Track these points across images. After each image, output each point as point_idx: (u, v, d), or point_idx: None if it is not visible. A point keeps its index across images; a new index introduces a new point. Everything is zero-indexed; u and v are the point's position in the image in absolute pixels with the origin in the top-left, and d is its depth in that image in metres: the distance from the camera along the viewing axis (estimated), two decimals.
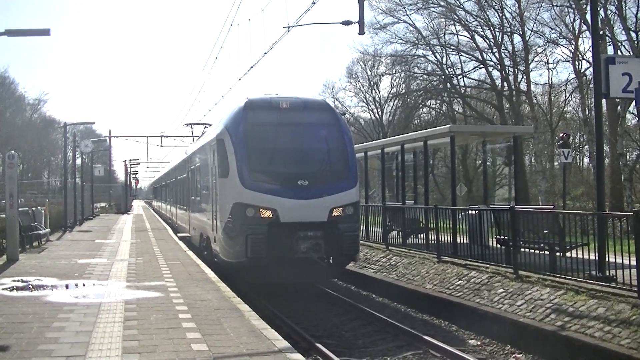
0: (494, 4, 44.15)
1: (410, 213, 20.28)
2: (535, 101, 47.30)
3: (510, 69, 45.44)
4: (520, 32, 43.51)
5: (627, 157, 37.85)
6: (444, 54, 48.72)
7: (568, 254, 12.76)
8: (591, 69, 17.45)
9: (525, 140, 45.37)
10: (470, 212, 17.50)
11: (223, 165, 15.58)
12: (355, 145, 17.60)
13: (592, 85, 17.43)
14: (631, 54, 31.70)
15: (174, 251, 20.50)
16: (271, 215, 14.60)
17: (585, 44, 53.05)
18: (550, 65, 48.88)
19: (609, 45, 34.08)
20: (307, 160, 15.77)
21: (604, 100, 19.23)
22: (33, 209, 24.82)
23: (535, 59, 45.74)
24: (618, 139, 33.64)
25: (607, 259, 11.95)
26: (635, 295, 10.26)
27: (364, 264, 19.22)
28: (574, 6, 37.55)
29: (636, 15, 34.89)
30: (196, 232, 21.36)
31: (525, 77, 44.99)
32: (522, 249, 13.89)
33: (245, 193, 14.78)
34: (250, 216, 14.62)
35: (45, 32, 17.68)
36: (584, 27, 38.02)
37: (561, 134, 28.35)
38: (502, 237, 14.67)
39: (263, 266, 14.69)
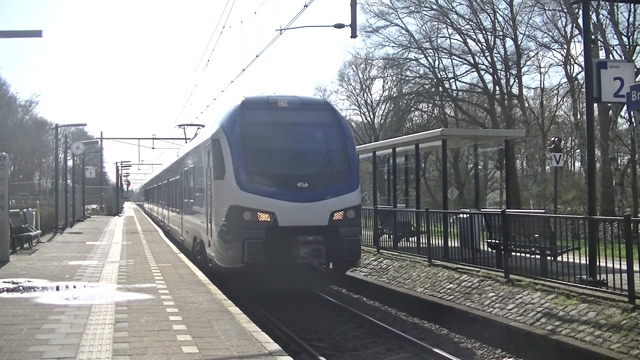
0: (486, 7, 44.37)
1: (401, 216, 20.27)
2: (527, 105, 47.47)
3: (502, 72, 45.61)
4: (513, 36, 43.72)
5: (619, 161, 38.04)
6: (436, 58, 48.91)
7: (559, 258, 12.77)
8: (583, 73, 17.49)
9: (517, 144, 45.55)
10: (461, 215, 17.52)
11: (219, 167, 14.95)
12: None
13: (583, 90, 17.51)
14: (623, 58, 31.89)
15: (165, 253, 20.43)
16: (269, 219, 13.98)
17: (577, 48, 53.48)
18: (542, 69, 49.33)
19: (601, 49, 34.31)
20: (307, 162, 15.13)
21: (595, 105, 19.31)
22: (24, 210, 24.74)
23: (527, 62, 46.06)
24: (609, 143, 33.85)
25: (598, 263, 11.97)
26: (626, 299, 10.31)
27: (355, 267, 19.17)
28: (566, 10, 37.77)
29: (628, 20, 35.20)
30: (189, 235, 20.71)
31: (517, 80, 45.20)
32: (513, 253, 13.93)
33: (241, 195, 14.15)
34: (247, 220, 13.99)
35: (37, 34, 17.54)
36: (576, 32, 38.30)
37: (553, 138, 28.48)
38: (493, 240, 14.68)
39: (260, 272, 14.13)
